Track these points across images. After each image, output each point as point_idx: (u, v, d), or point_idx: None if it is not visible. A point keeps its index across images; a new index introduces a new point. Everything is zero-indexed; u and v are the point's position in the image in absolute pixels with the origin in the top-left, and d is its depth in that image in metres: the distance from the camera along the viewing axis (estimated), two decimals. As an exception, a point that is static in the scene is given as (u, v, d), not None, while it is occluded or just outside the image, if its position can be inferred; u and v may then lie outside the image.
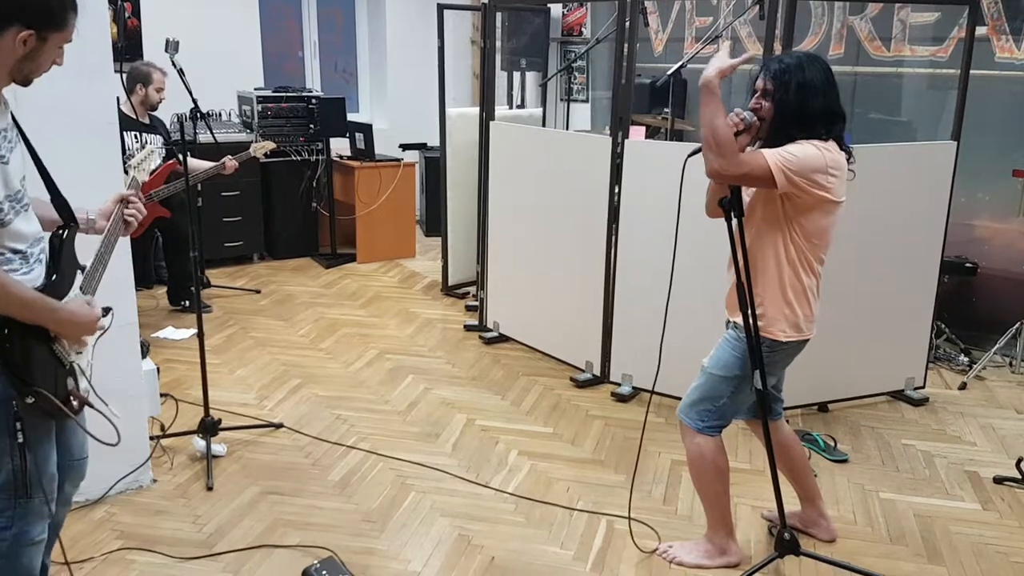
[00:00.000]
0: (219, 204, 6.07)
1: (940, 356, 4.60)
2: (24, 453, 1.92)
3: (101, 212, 2.16)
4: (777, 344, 2.54)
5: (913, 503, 3.20)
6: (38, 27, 1.80)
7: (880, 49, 5.11)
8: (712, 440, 2.64)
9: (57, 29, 1.84)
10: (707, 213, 2.66)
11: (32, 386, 1.87)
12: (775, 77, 2.44)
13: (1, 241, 1.88)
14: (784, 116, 2.43)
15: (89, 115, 2.77)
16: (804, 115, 2.42)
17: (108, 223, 2.13)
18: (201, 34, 6.08)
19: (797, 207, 2.44)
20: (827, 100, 2.44)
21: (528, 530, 2.97)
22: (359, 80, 7.99)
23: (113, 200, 2.16)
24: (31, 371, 1.87)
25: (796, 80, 2.41)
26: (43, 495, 2.01)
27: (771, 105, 2.44)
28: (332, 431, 3.69)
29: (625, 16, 3.85)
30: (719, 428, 2.64)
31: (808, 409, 3.96)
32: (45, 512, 2.05)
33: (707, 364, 2.65)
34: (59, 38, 1.87)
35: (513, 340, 4.82)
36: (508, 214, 4.69)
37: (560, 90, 7.31)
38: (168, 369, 4.28)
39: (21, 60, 1.82)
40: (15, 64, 1.82)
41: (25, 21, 1.78)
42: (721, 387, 2.58)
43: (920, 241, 3.93)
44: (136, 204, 2.19)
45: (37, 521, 2.04)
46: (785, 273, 2.50)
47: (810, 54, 2.53)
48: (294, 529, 2.93)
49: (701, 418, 2.63)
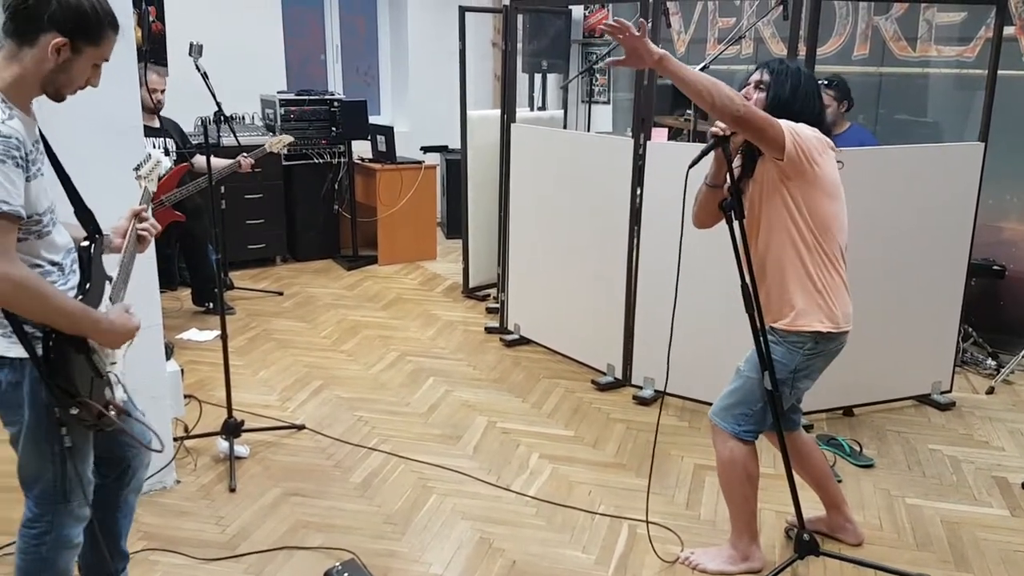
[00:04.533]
0: (242, 207, 6.12)
1: (967, 360, 4.54)
2: (65, 459, 1.95)
3: (116, 230, 2.17)
4: (821, 336, 2.50)
5: (940, 509, 3.15)
6: (73, 36, 1.81)
7: (906, 49, 5.06)
8: (746, 446, 2.61)
9: (92, 42, 1.84)
10: (694, 222, 2.69)
11: (76, 397, 1.88)
12: (773, 72, 2.51)
13: (39, 253, 1.90)
14: (772, 109, 2.45)
15: (114, 119, 2.79)
16: (791, 115, 2.45)
17: (124, 241, 2.13)
18: (225, 38, 6.13)
19: (800, 189, 2.44)
20: (814, 108, 2.51)
21: (549, 534, 2.96)
22: (380, 83, 8.02)
23: (127, 217, 2.17)
24: (73, 381, 1.88)
25: (792, 81, 2.49)
26: (82, 499, 2.04)
27: (763, 97, 2.50)
28: (354, 433, 3.70)
29: (647, 17, 3.83)
30: (755, 433, 2.61)
31: (833, 413, 3.92)
32: (83, 515, 2.08)
33: (743, 367, 2.62)
34: (94, 53, 1.87)
35: (534, 342, 4.81)
36: (529, 216, 4.69)
37: (581, 92, 7.30)
38: (192, 370, 4.31)
39: (54, 71, 1.83)
40: (48, 74, 1.83)
41: (61, 29, 1.79)
42: (759, 390, 2.54)
43: (947, 243, 3.88)
44: (149, 219, 2.20)
45: (75, 524, 2.07)
46: (808, 264, 2.48)
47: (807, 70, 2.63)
48: (316, 531, 2.94)
49: (738, 422, 2.59)
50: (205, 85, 3.63)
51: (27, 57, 1.81)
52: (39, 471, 1.99)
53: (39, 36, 1.79)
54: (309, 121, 6.43)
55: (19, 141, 1.75)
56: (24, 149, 1.77)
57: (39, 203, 1.86)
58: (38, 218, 1.87)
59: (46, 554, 2.04)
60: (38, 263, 1.89)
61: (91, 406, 1.90)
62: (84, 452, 2.04)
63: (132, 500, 2.33)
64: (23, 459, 2.00)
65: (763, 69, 2.54)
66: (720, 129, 2.43)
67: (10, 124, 1.75)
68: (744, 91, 2.52)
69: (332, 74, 7.58)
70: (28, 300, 1.77)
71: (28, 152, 1.80)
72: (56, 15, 1.78)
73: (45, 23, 1.78)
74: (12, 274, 1.73)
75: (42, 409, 1.90)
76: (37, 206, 1.85)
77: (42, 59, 1.81)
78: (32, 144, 1.84)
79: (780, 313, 2.53)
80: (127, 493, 2.30)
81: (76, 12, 1.80)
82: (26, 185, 1.78)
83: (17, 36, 1.80)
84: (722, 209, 2.44)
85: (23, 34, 1.80)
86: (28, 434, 1.95)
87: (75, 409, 1.88)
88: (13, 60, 1.81)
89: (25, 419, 1.93)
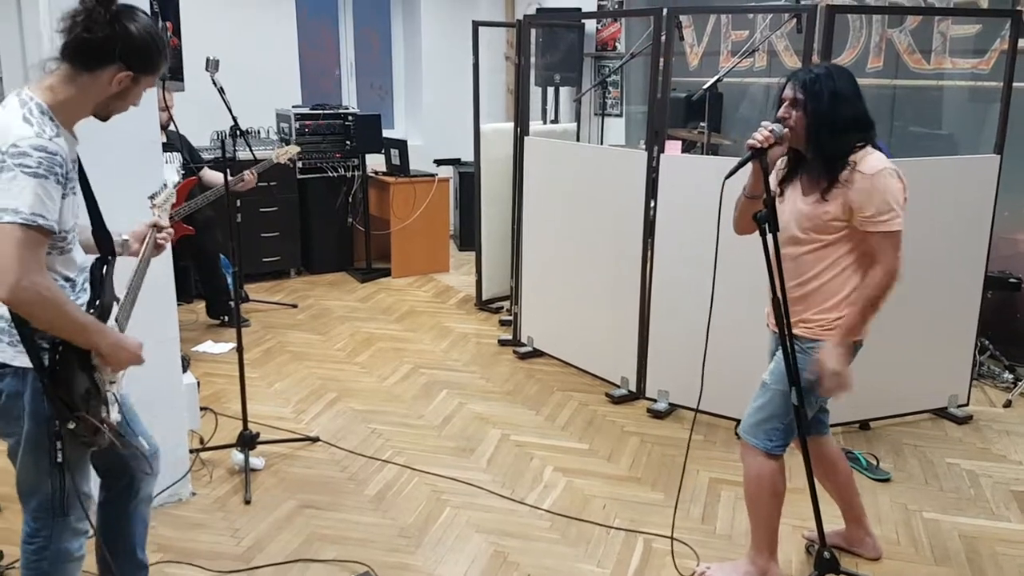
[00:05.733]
0: (257, 220, 6.17)
1: (984, 373, 4.51)
2: (63, 472, 1.95)
3: (135, 234, 2.23)
4: (859, 345, 2.53)
5: (958, 523, 3.13)
6: (136, 70, 1.89)
7: (920, 62, 5.05)
8: (776, 461, 2.59)
9: (151, 72, 1.94)
10: (735, 229, 2.65)
11: (75, 411, 1.90)
12: (805, 86, 2.42)
13: (56, 268, 1.93)
14: (817, 125, 2.41)
15: (134, 134, 2.82)
16: (836, 124, 2.41)
17: (142, 247, 2.19)
18: (241, 54, 6.20)
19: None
20: (857, 108, 2.44)
21: (564, 548, 2.95)
22: (394, 97, 8.07)
23: (146, 224, 2.23)
24: (74, 396, 1.90)
25: (828, 89, 2.40)
26: (80, 512, 2.05)
27: (801, 114, 2.43)
28: (368, 445, 3.70)
29: (660, 30, 3.84)
30: (784, 447, 2.59)
31: (849, 427, 3.90)
32: (82, 529, 2.09)
33: (769, 380, 2.58)
34: (149, 81, 1.96)
35: (547, 355, 4.81)
36: (542, 229, 4.70)
37: (594, 105, 7.32)
38: (207, 383, 4.33)
39: (111, 97, 1.90)
40: (104, 100, 1.90)
41: (127, 62, 1.87)
42: (788, 402, 2.51)
43: (963, 256, 3.86)
44: (167, 228, 2.27)
45: (74, 538, 2.08)
46: (846, 277, 2.48)
47: (836, 65, 2.53)
48: (330, 543, 2.94)
49: (769, 437, 2.57)
50: (221, 100, 3.66)
51: (85, 82, 1.87)
52: (37, 484, 1.99)
53: (103, 67, 1.86)
54: (324, 135, 6.48)
55: (63, 159, 1.80)
56: (66, 167, 1.82)
57: (67, 221, 1.90)
58: (64, 235, 1.90)
59: (48, 568, 2.05)
60: (53, 277, 1.91)
61: (88, 422, 1.92)
62: (82, 466, 2.06)
63: (144, 510, 2.34)
64: (21, 471, 2.01)
65: (794, 84, 2.45)
66: (757, 141, 2.39)
67: (57, 141, 1.80)
68: (781, 111, 2.45)
69: (347, 88, 7.63)
70: (48, 311, 1.80)
71: (68, 170, 1.84)
72: (123, 51, 1.86)
73: (111, 56, 1.85)
74: (40, 284, 1.76)
75: (42, 421, 1.92)
76: (65, 223, 1.89)
77: (102, 87, 1.88)
78: (71, 163, 1.89)
79: (807, 320, 2.52)
80: (136, 504, 2.30)
81: (142, 49, 1.88)
82: (61, 202, 1.83)
83: (79, 63, 1.86)
84: (756, 220, 2.41)
85: (86, 63, 1.86)
86: (27, 446, 1.96)
87: (73, 423, 1.89)
88: (70, 83, 1.87)
89: (24, 431, 1.94)
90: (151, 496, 2.38)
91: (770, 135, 2.39)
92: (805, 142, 2.45)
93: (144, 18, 1.91)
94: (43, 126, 1.79)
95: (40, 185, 1.74)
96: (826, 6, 3.48)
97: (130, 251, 2.20)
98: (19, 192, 1.72)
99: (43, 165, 1.75)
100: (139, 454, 2.21)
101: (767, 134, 2.39)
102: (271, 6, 6.77)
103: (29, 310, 1.79)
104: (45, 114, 1.83)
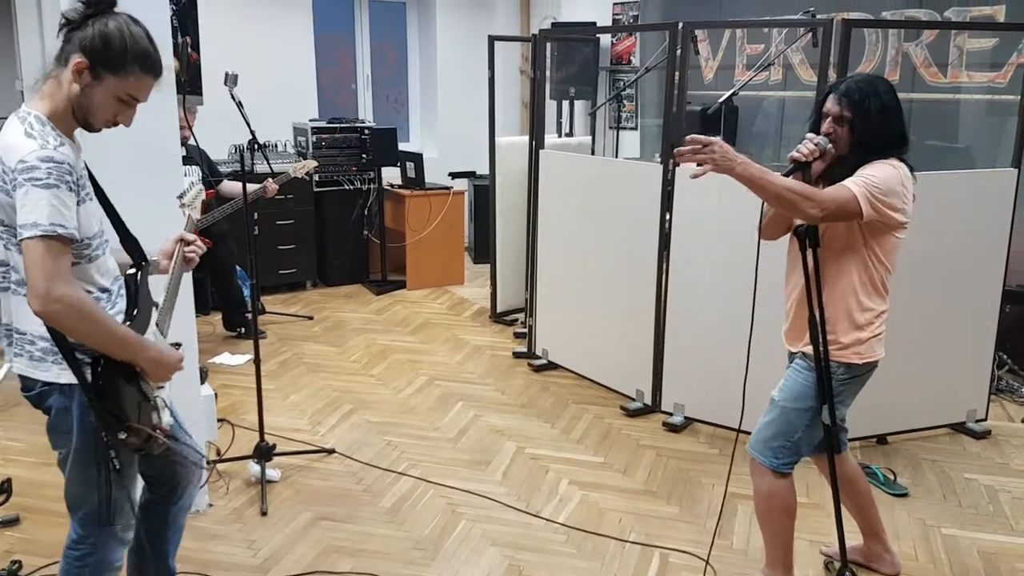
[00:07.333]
0: (274, 232, 6.21)
1: (1002, 388, 4.48)
2: (111, 483, 1.98)
3: (163, 252, 2.21)
4: (854, 368, 2.48)
5: (977, 539, 3.10)
6: (93, 60, 1.84)
7: (936, 75, 5.04)
8: (785, 479, 2.57)
9: (112, 72, 1.86)
10: (762, 235, 2.58)
11: (124, 421, 1.91)
12: (853, 104, 2.35)
13: (90, 278, 1.94)
14: (863, 142, 2.37)
15: (154, 147, 2.87)
16: (881, 140, 2.37)
17: (171, 263, 2.17)
18: (259, 68, 6.25)
19: (874, 231, 2.39)
20: (901, 123, 2.40)
21: (580, 562, 2.94)
22: (410, 110, 8.12)
23: (173, 240, 2.21)
24: (123, 407, 1.91)
25: (875, 106, 2.34)
26: (125, 522, 2.07)
27: (847, 131, 2.37)
28: (383, 457, 3.71)
29: (676, 44, 3.86)
30: (793, 465, 2.57)
31: (867, 441, 3.87)
32: (126, 539, 2.12)
33: (778, 397, 2.57)
34: (116, 85, 1.87)
35: (562, 368, 4.81)
36: (557, 241, 4.71)
37: (609, 118, 7.33)
38: (224, 394, 4.36)
39: (79, 95, 1.86)
40: (74, 97, 1.86)
41: (85, 51, 1.84)
42: (796, 420, 2.51)
43: (981, 270, 3.84)
44: (195, 241, 2.24)
45: (117, 547, 2.10)
46: (861, 297, 2.44)
47: (874, 75, 2.47)
48: (346, 555, 2.95)
49: (776, 455, 2.55)
50: (239, 113, 3.70)
51: (62, 77, 1.86)
52: (85, 494, 2.02)
53: (70, 56, 1.85)
54: (340, 148, 6.53)
55: (70, 166, 1.81)
56: (75, 174, 1.83)
57: (89, 227, 1.91)
58: (88, 242, 1.91)
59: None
60: (89, 288, 1.93)
61: (139, 430, 1.93)
62: (130, 476, 2.07)
63: (181, 519, 2.36)
64: (70, 482, 2.03)
65: (841, 100, 2.37)
66: (802, 155, 2.35)
67: (61, 150, 1.81)
68: (825, 126, 2.40)
69: (363, 102, 7.68)
70: (81, 323, 1.80)
71: (78, 177, 1.86)
72: (85, 38, 1.84)
73: (75, 44, 1.84)
74: (68, 295, 1.77)
75: (90, 434, 1.94)
76: (87, 230, 1.90)
77: (68, 80, 1.85)
78: (80, 169, 1.90)
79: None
80: (176, 511, 2.32)
81: (102, 38, 1.84)
82: (77, 209, 1.84)
83: (59, 56, 1.87)
84: (796, 234, 2.38)
85: (60, 53, 1.87)
86: (75, 458, 1.98)
87: (123, 434, 1.90)
88: (56, 83, 1.87)
89: (73, 443, 1.96)
90: (190, 506, 2.39)
91: (815, 148, 2.35)
92: (846, 158, 2.41)
93: (130, 22, 1.88)
94: (45, 137, 1.80)
95: (54, 195, 1.76)
96: (842, 20, 3.48)
97: (159, 269, 2.18)
98: (34, 206, 1.74)
99: (53, 175, 1.76)
100: (188, 461, 2.22)
101: (812, 147, 2.35)
102: (289, 21, 6.83)
103: (63, 321, 1.80)
104: (45, 125, 1.84)
